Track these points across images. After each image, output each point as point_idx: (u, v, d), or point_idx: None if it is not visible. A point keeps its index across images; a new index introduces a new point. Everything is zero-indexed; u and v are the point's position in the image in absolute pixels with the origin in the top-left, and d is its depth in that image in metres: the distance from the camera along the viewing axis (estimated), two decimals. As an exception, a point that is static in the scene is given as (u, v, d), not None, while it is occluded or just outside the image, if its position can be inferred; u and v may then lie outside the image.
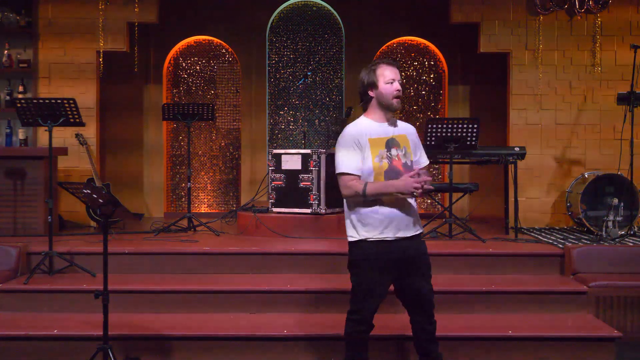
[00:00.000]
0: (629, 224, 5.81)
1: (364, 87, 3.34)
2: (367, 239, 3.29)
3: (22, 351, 4.17)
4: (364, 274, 3.33)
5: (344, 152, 3.28)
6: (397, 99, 3.31)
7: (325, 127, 8.01)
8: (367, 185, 3.21)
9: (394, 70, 3.31)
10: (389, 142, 3.31)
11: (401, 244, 3.29)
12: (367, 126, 3.33)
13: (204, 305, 4.61)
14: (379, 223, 3.26)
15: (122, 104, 7.83)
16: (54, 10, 6.89)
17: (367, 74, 3.32)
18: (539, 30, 6.84)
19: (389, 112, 3.36)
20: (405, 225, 3.30)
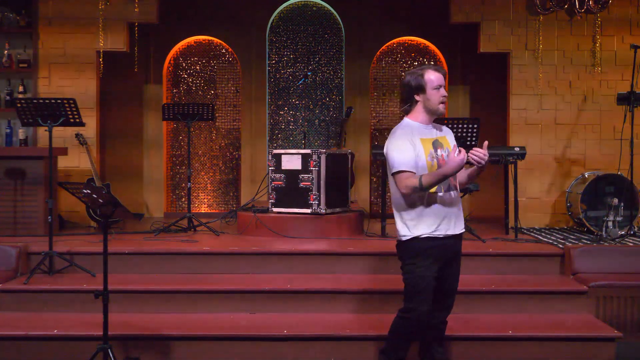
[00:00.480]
0: (629, 224, 5.81)
1: (411, 91, 3.41)
2: (420, 236, 3.37)
3: (22, 351, 4.17)
4: (418, 271, 3.40)
5: (399, 151, 3.35)
6: (442, 104, 3.40)
7: (325, 127, 8.01)
8: (422, 177, 3.28)
9: (440, 76, 3.40)
10: (435, 143, 3.41)
11: (449, 241, 3.43)
12: (416, 127, 3.42)
13: (204, 305, 4.62)
14: (432, 220, 3.37)
15: (122, 104, 7.83)
16: (54, 10, 6.89)
17: (415, 79, 3.40)
18: (539, 30, 6.84)
19: (432, 116, 3.45)
20: (454, 223, 3.44)
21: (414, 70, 3.46)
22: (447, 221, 3.40)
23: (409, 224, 3.41)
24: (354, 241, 5.60)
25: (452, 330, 4.22)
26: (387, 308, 4.61)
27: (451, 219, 3.42)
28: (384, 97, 8.02)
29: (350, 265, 5.08)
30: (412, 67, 8.01)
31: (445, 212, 3.39)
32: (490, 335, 4.21)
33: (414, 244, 3.40)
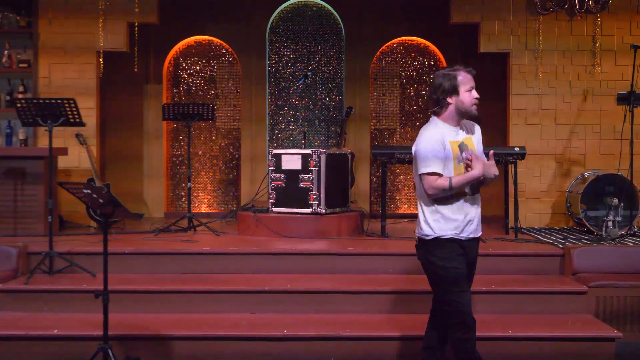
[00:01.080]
0: (629, 224, 5.81)
1: (444, 93, 3.37)
2: (443, 236, 3.34)
3: (22, 351, 4.17)
4: (449, 273, 3.34)
5: (429, 153, 3.33)
6: (475, 106, 3.37)
7: (325, 127, 8.01)
8: (451, 179, 3.27)
9: (472, 78, 3.38)
10: (461, 145, 3.39)
11: (469, 244, 3.39)
12: (445, 129, 3.38)
13: (204, 305, 4.62)
14: (457, 222, 3.34)
15: (122, 104, 7.83)
16: (54, 10, 6.89)
17: (448, 81, 3.35)
18: (539, 30, 6.84)
19: (463, 118, 3.42)
20: (476, 226, 3.41)
21: (444, 71, 3.39)
22: (471, 223, 3.37)
23: (432, 223, 3.36)
24: (354, 241, 5.60)
25: (452, 330, 4.23)
26: (387, 308, 4.62)
27: (474, 222, 3.39)
28: (384, 97, 8.02)
29: (350, 265, 5.08)
30: (412, 67, 8.01)
31: (470, 214, 3.36)
32: (491, 335, 4.21)
33: (440, 244, 3.35)
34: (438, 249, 3.36)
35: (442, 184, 3.29)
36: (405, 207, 8.04)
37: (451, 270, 3.32)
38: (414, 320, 4.44)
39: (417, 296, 4.64)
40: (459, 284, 3.34)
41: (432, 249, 3.38)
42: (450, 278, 3.34)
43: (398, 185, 8.05)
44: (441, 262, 3.35)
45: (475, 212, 3.39)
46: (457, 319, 3.35)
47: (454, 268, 3.32)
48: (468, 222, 3.35)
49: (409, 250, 5.21)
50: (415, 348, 4.18)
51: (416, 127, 8.00)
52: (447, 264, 3.33)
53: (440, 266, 3.36)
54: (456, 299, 3.35)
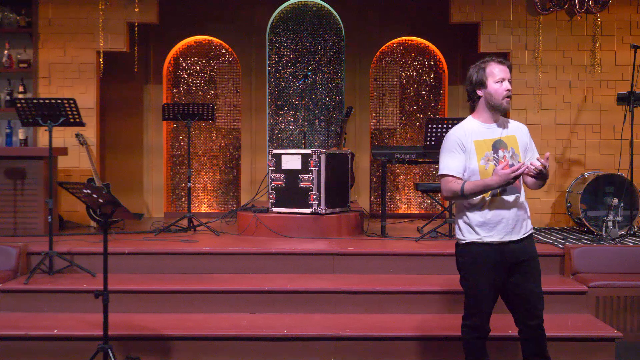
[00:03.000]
0: (629, 224, 5.81)
1: (472, 86, 3.25)
2: (475, 241, 3.24)
3: (22, 351, 4.17)
4: (473, 278, 3.27)
5: (446, 154, 3.24)
6: (507, 99, 3.19)
7: (325, 127, 8.01)
8: (465, 183, 3.16)
9: (504, 68, 3.19)
10: (496, 143, 3.23)
11: (509, 247, 3.22)
12: (474, 128, 3.25)
13: (204, 305, 4.62)
14: (486, 225, 3.22)
15: (122, 104, 7.84)
16: (54, 10, 6.89)
17: (476, 72, 3.22)
18: (539, 30, 6.85)
19: (497, 113, 3.26)
20: (512, 228, 3.23)
21: (477, 63, 3.25)
22: (505, 226, 3.21)
23: (463, 227, 3.29)
24: (354, 241, 5.60)
25: (452, 330, 4.23)
26: (387, 308, 4.62)
27: (509, 224, 3.22)
28: (384, 97, 8.02)
29: (350, 265, 5.08)
30: (412, 67, 8.01)
31: (501, 216, 3.21)
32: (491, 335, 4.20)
33: (468, 250, 3.27)
34: (466, 255, 3.28)
35: (453, 188, 3.18)
36: (405, 207, 8.04)
37: (475, 279, 3.25)
38: (414, 320, 4.45)
39: (417, 296, 4.64)
40: (479, 294, 3.26)
41: (462, 255, 3.32)
42: (470, 284, 3.28)
43: (398, 185, 8.05)
44: (467, 269, 3.28)
45: (510, 214, 3.22)
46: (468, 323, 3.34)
47: (479, 276, 3.24)
48: (499, 224, 3.21)
49: (409, 250, 5.23)
50: (415, 348, 4.19)
51: (416, 127, 8.00)
52: (472, 272, 3.26)
53: (462, 276, 3.32)
54: (468, 315, 3.32)
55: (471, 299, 3.31)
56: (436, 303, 4.63)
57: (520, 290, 3.27)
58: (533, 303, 3.29)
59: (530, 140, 3.36)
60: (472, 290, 3.30)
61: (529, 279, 3.27)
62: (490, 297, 3.28)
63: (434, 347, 4.20)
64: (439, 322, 4.39)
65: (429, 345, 4.20)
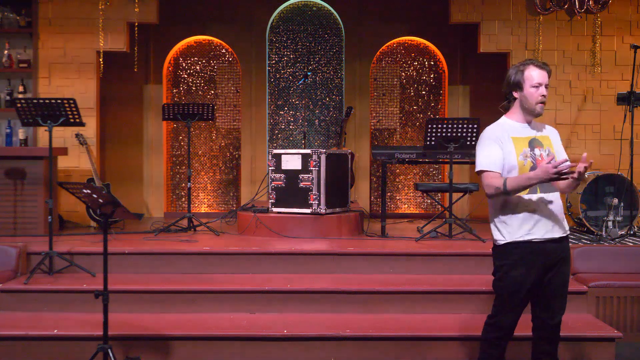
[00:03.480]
0: (629, 224, 5.81)
1: (509, 87, 3.26)
2: (513, 241, 3.20)
3: (22, 351, 4.17)
4: (510, 280, 3.22)
5: (485, 150, 3.22)
6: (541, 104, 3.19)
7: (325, 127, 8.01)
8: (507, 179, 3.12)
9: (543, 73, 3.19)
10: (532, 141, 3.23)
11: (548, 246, 3.20)
12: (510, 126, 3.26)
13: (204, 305, 4.62)
14: (524, 224, 3.19)
15: (122, 104, 7.84)
16: (54, 10, 6.89)
17: (515, 74, 3.22)
18: (539, 30, 6.85)
19: (531, 116, 3.26)
20: (552, 226, 3.22)
21: (516, 64, 3.26)
22: (544, 224, 3.18)
23: (500, 227, 3.24)
24: (354, 241, 5.60)
25: (451, 330, 4.23)
26: (389, 308, 4.62)
27: (548, 222, 3.19)
28: (383, 97, 8.02)
29: (350, 265, 5.08)
30: (412, 67, 8.01)
31: (540, 214, 3.18)
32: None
33: (506, 249, 3.21)
34: (503, 255, 3.24)
35: (496, 184, 3.14)
36: (405, 207, 8.04)
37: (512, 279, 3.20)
38: (414, 320, 4.45)
39: (417, 296, 4.64)
40: (514, 295, 3.22)
41: (499, 255, 3.27)
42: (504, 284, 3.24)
43: (398, 185, 8.05)
44: (504, 269, 3.24)
45: (545, 212, 3.19)
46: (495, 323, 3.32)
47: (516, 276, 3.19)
48: (538, 222, 3.18)
49: (409, 250, 5.22)
50: (415, 348, 4.19)
51: (416, 127, 8.00)
52: (509, 272, 3.21)
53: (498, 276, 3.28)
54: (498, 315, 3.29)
55: (505, 298, 3.26)
56: (437, 303, 4.62)
57: (550, 288, 3.26)
58: (559, 302, 3.30)
59: (561, 144, 3.40)
60: (506, 289, 3.24)
61: (561, 278, 3.26)
62: (524, 297, 3.24)
63: (434, 347, 4.20)
64: (440, 322, 4.39)
65: (429, 345, 4.20)
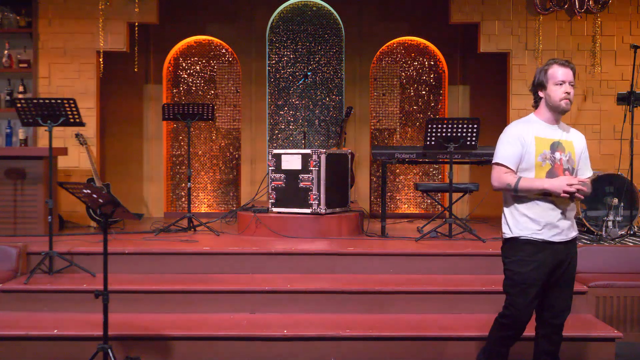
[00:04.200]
0: (629, 224, 5.81)
1: (534, 87, 3.34)
2: (520, 237, 3.24)
3: (22, 351, 4.17)
4: (518, 276, 3.25)
5: (505, 144, 3.29)
6: (565, 100, 3.23)
7: (325, 127, 8.01)
8: (520, 179, 3.19)
9: (567, 71, 3.25)
10: (554, 144, 3.26)
11: (555, 248, 3.23)
12: (536, 124, 3.30)
13: (205, 305, 4.62)
14: (534, 222, 3.22)
15: (122, 104, 7.84)
16: (54, 10, 6.89)
17: (539, 73, 3.31)
18: (539, 30, 6.85)
19: (557, 114, 3.30)
20: (561, 229, 3.24)
21: (543, 64, 3.35)
22: (553, 225, 3.21)
23: (511, 223, 3.29)
24: (354, 241, 5.60)
25: (452, 330, 4.23)
26: (388, 308, 4.62)
27: (559, 224, 3.22)
28: (383, 97, 8.02)
29: (350, 265, 5.08)
30: (412, 67, 8.01)
31: (551, 214, 3.20)
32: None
33: (515, 245, 3.26)
34: (512, 250, 3.28)
35: (507, 180, 3.21)
36: (405, 207, 8.04)
37: (520, 275, 3.23)
38: (414, 320, 4.45)
39: (417, 296, 4.64)
40: (525, 291, 3.23)
41: (508, 250, 3.31)
42: (514, 281, 3.26)
43: (398, 185, 8.05)
44: (512, 265, 3.27)
45: (557, 213, 3.21)
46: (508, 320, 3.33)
47: (524, 272, 3.22)
48: (547, 223, 3.20)
49: (409, 250, 5.22)
50: (415, 348, 4.19)
51: (416, 127, 8.00)
52: (517, 268, 3.24)
53: (508, 273, 3.30)
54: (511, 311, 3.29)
55: (516, 296, 3.26)
56: (436, 303, 4.62)
57: (556, 288, 3.30)
58: (564, 302, 3.33)
59: (585, 151, 3.40)
60: (517, 287, 3.26)
61: (567, 279, 3.30)
62: (535, 295, 3.25)
63: (434, 347, 4.20)
64: (439, 322, 4.39)
65: (429, 345, 4.20)
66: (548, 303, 3.34)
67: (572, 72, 3.27)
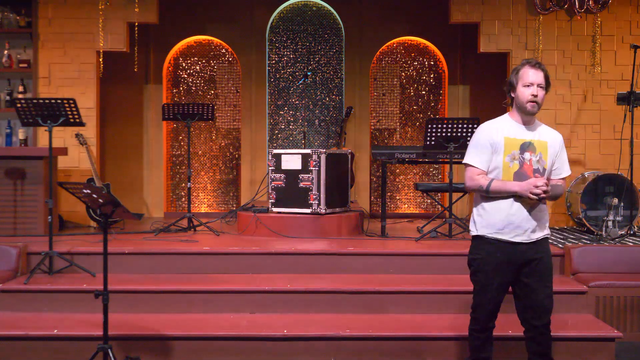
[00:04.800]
0: (629, 224, 5.81)
1: (507, 87, 3.35)
2: (485, 235, 3.29)
3: (22, 351, 4.17)
4: (479, 272, 3.34)
5: (475, 146, 3.32)
6: (531, 103, 3.23)
7: (325, 127, 8.01)
8: (492, 181, 3.23)
9: (537, 73, 3.24)
10: (525, 145, 3.27)
11: (519, 247, 3.26)
12: (506, 124, 3.32)
13: (204, 305, 4.62)
14: (498, 221, 3.26)
15: (122, 104, 7.84)
16: (54, 10, 6.89)
17: (512, 73, 3.32)
18: (539, 30, 6.85)
19: (526, 116, 3.29)
20: (525, 229, 3.25)
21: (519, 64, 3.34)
22: (517, 226, 3.23)
23: (477, 220, 3.34)
24: (354, 241, 5.60)
25: (452, 330, 4.23)
26: (388, 308, 4.62)
27: (523, 224, 3.23)
28: (384, 97, 8.02)
29: (350, 265, 5.08)
30: (412, 67, 8.01)
31: (516, 215, 3.23)
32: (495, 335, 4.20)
33: (479, 243, 3.33)
34: (476, 248, 3.35)
35: (480, 182, 3.25)
36: (405, 207, 8.04)
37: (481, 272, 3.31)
38: (414, 320, 4.45)
39: (417, 296, 4.64)
40: (485, 288, 3.31)
41: (473, 247, 3.38)
42: (477, 278, 3.35)
43: (398, 185, 8.05)
44: (475, 262, 3.35)
45: (523, 214, 3.23)
46: (474, 314, 3.44)
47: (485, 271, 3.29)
48: (511, 223, 3.23)
49: (409, 250, 5.23)
50: (415, 348, 4.19)
51: (416, 127, 8.00)
52: (479, 266, 3.32)
53: (471, 269, 3.39)
54: (473, 308, 3.42)
55: (477, 292, 3.38)
56: (436, 303, 4.62)
57: (529, 289, 3.30)
58: (542, 303, 3.31)
59: (562, 151, 3.40)
60: (478, 284, 3.36)
61: (538, 279, 3.29)
62: (494, 293, 3.32)
63: (434, 347, 4.20)
64: (439, 322, 4.39)
65: (429, 345, 4.20)
66: (527, 304, 3.35)
67: (543, 74, 3.26)
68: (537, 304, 3.31)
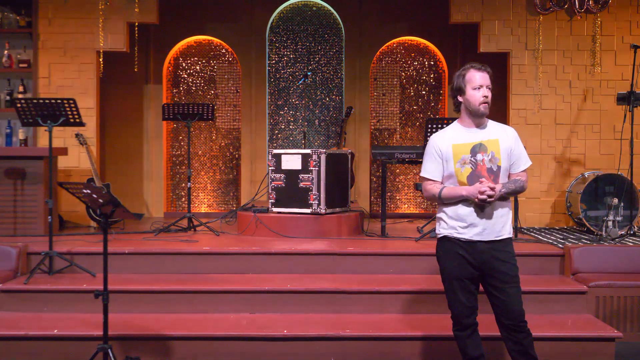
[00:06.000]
0: (629, 224, 5.81)
1: (453, 92, 3.39)
2: (447, 236, 3.39)
3: (22, 351, 4.17)
4: (444, 271, 3.45)
5: (426, 158, 3.44)
6: (484, 104, 3.29)
7: (325, 127, 8.01)
8: (443, 189, 3.34)
9: (484, 75, 3.31)
10: (476, 147, 3.31)
11: (477, 246, 3.32)
12: (454, 132, 3.38)
13: (204, 305, 4.62)
14: (457, 222, 3.33)
15: (122, 104, 7.84)
16: (54, 10, 6.89)
17: (456, 80, 3.36)
18: (539, 30, 6.85)
19: (478, 118, 3.35)
20: (483, 228, 3.30)
21: (459, 70, 3.39)
22: (476, 226, 3.29)
23: (441, 222, 3.43)
24: (354, 241, 5.60)
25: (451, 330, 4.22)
26: (387, 308, 4.62)
27: (482, 224, 3.29)
28: (383, 97, 8.02)
29: (350, 265, 5.08)
30: (412, 67, 8.01)
31: (474, 216, 3.29)
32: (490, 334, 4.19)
33: (442, 243, 3.43)
34: (441, 248, 3.45)
35: (433, 191, 3.39)
36: (405, 207, 8.04)
37: (446, 270, 3.43)
38: (415, 320, 4.45)
39: (417, 296, 4.65)
40: (452, 284, 3.41)
41: (438, 248, 3.49)
42: (444, 276, 3.46)
43: (398, 185, 8.05)
44: (441, 261, 3.47)
45: (482, 215, 3.28)
46: (452, 314, 3.51)
47: (449, 268, 3.40)
48: (471, 224, 3.30)
49: (409, 250, 5.23)
50: (415, 348, 4.19)
51: (416, 127, 8.00)
52: (444, 264, 3.44)
53: (440, 269, 3.49)
54: (450, 307, 3.49)
55: (447, 290, 3.47)
56: (436, 303, 4.62)
57: (493, 288, 3.37)
58: (510, 302, 3.35)
59: (517, 145, 3.40)
60: (446, 281, 3.46)
61: (500, 278, 3.34)
62: (462, 291, 3.40)
63: (434, 347, 4.20)
64: (439, 322, 4.39)
65: (429, 345, 4.20)
66: (494, 303, 3.40)
67: (489, 75, 3.33)
68: (503, 303, 3.36)
